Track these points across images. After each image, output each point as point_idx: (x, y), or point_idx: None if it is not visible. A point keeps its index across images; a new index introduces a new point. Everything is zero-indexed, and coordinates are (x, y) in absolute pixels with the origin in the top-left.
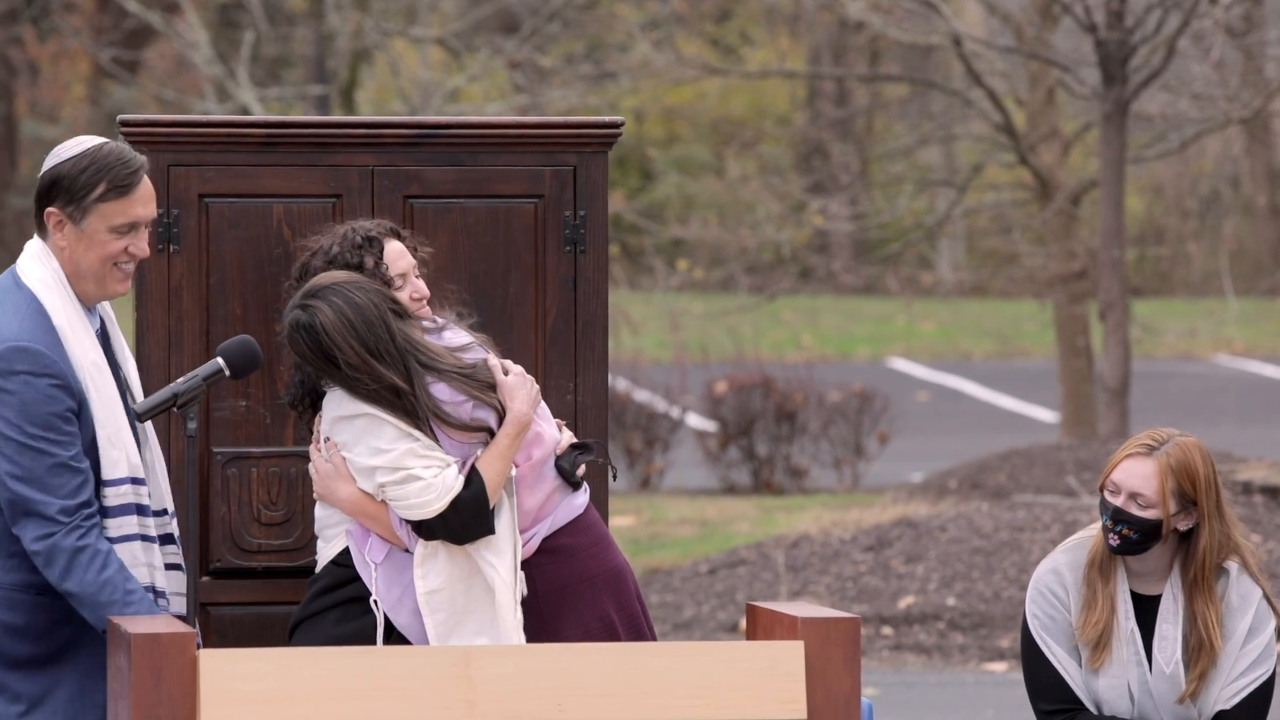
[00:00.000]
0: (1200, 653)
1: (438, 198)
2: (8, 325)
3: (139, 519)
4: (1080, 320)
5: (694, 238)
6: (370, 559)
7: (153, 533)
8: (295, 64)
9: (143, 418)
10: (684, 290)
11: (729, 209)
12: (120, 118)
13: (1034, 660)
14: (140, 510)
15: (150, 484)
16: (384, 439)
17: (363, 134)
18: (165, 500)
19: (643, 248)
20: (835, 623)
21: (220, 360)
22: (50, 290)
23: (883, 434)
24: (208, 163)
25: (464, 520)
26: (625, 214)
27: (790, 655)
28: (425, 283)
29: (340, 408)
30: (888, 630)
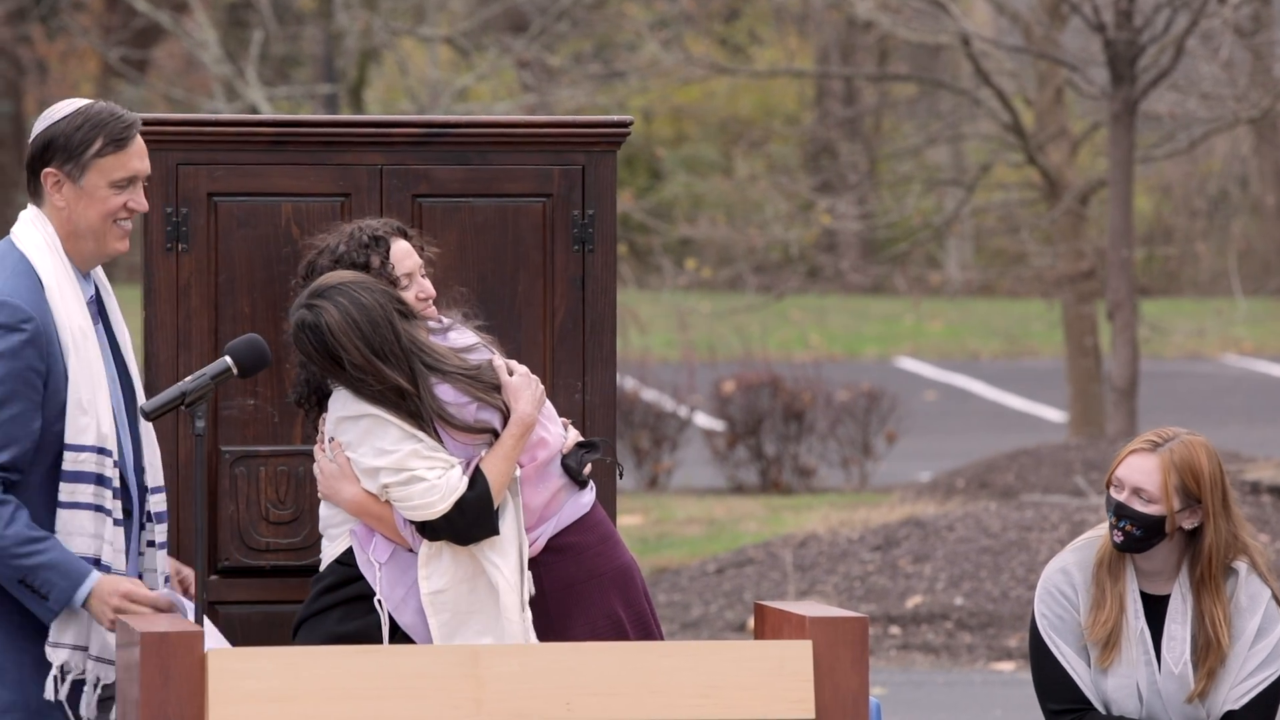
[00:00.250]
0: (1208, 652)
1: (446, 197)
2: None
3: (96, 489)
4: (1088, 320)
5: (702, 237)
6: (374, 558)
7: (109, 505)
8: (304, 63)
9: (150, 416)
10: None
11: (737, 208)
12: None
13: (1042, 660)
14: (100, 480)
15: (141, 456)
16: (388, 440)
17: (371, 133)
18: (157, 477)
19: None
20: (843, 622)
21: (228, 359)
22: (41, 252)
23: (890, 433)
24: (216, 161)
25: (468, 521)
26: (633, 213)
27: (798, 655)
28: (432, 282)
29: (345, 408)
30: (895, 630)
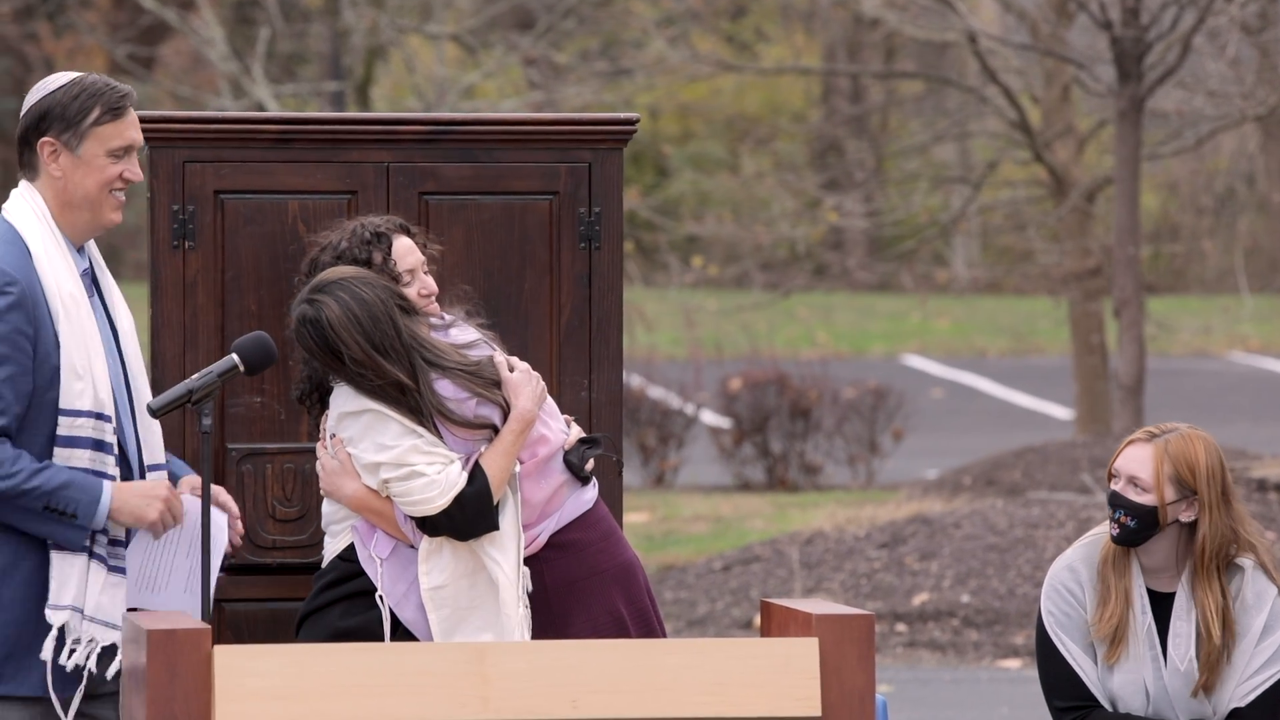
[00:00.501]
0: (1204, 645)
1: (453, 194)
2: None
3: (94, 454)
4: (1095, 317)
5: (709, 234)
6: (376, 554)
7: (111, 471)
8: (310, 60)
9: (157, 414)
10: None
11: (744, 205)
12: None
13: (1049, 657)
14: (98, 446)
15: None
16: (388, 435)
17: (378, 130)
18: (156, 455)
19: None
20: (849, 620)
21: (235, 356)
22: (29, 222)
23: (897, 431)
24: (223, 159)
25: (468, 516)
26: (640, 210)
27: (804, 652)
28: (437, 280)
29: (346, 403)
30: (902, 627)
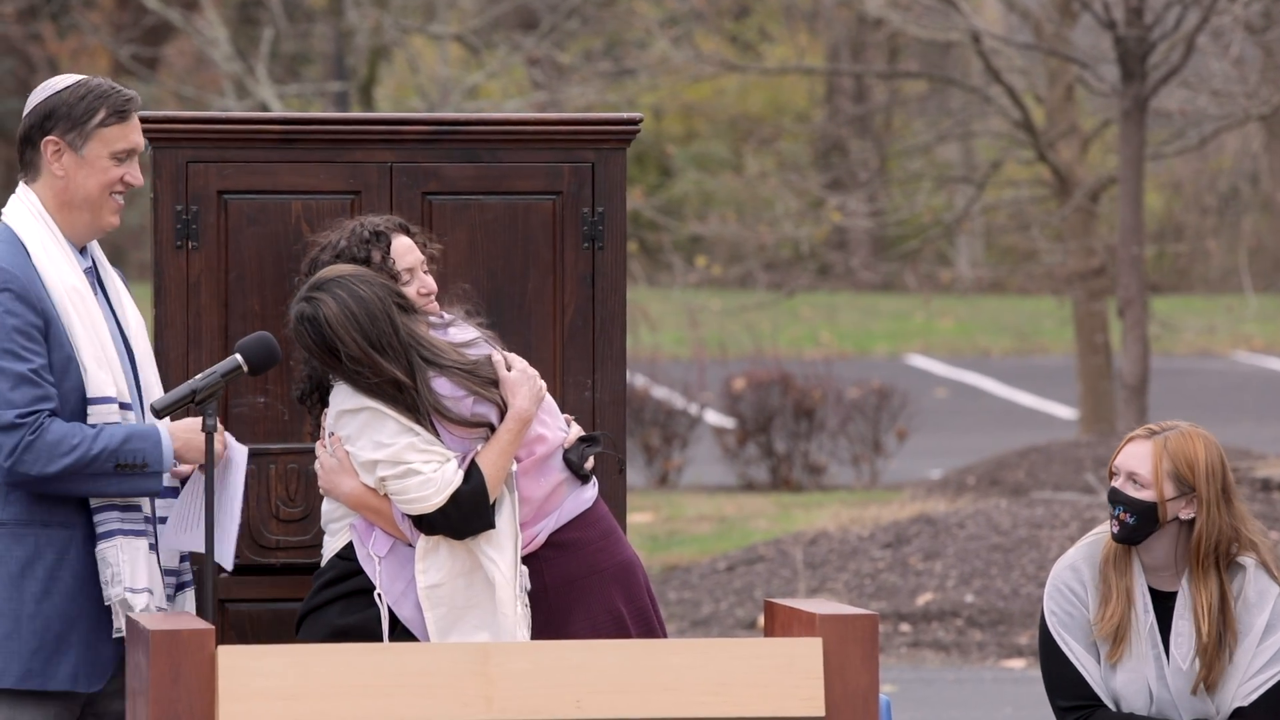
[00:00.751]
0: (1200, 640)
1: (456, 194)
2: None
3: None
4: (1099, 317)
5: (712, 234)
6: (374, 553)
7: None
8: (314, 61)
9: (160, 414)
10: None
11: (747, 205)
12: (139, 114)
13: (1052, 657)
14: None
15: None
16: (385, 433)
17: (381, 130)
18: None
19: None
20: (853, 620)
21: (239, 356)
22: (25, 221)
23: (901, 431)
24: (227, 159)
25: (464, 515)
26: (643, 210)
27: (808, 652)
28: (439, 279)
29: (344, 401)
30: (906, 627)
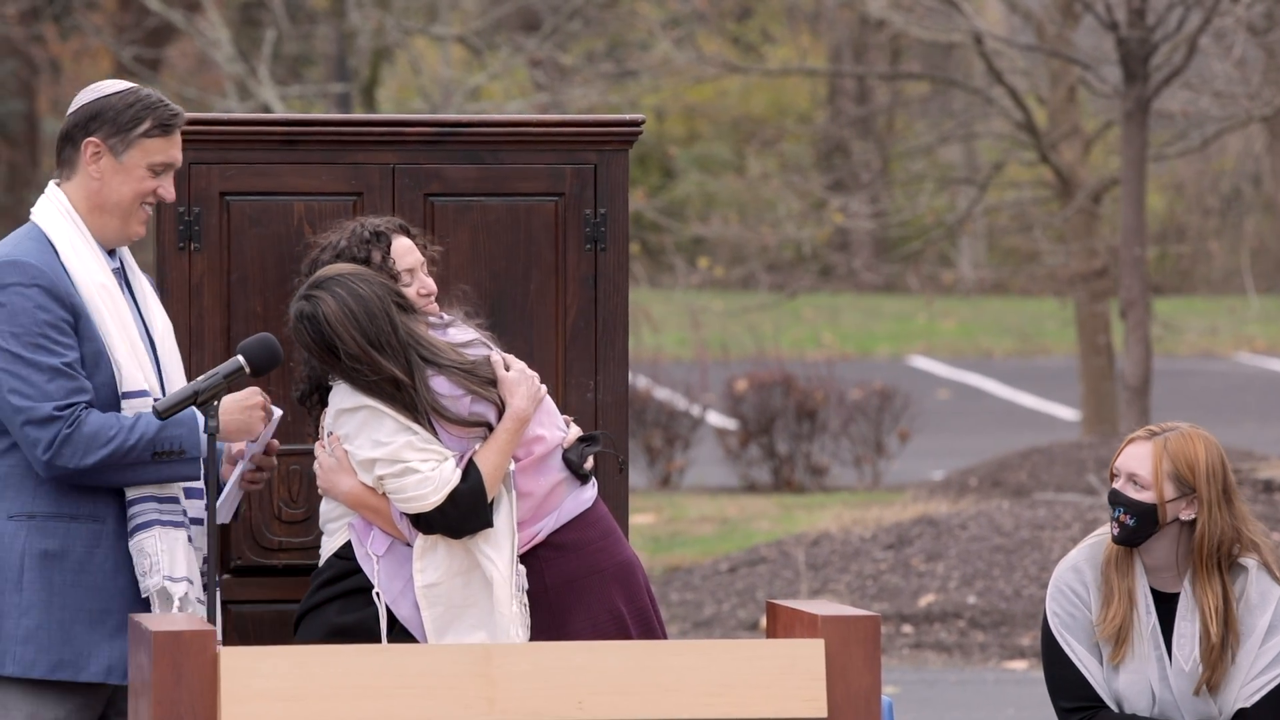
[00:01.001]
0: (1205, 643)
1: (458, 195)
2: (3, 248)
3: None
4: (1101, 318)
5: (714, 235)
6: (372, 551)
7: None
8: (316, 62)
9: (163, 415)
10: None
11: (750, 207)
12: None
13: (1054, 658)
14: None
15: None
16: (383, 431)
17: (384, 132)
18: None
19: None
20: (855, 621)
21: (241, 358)
22: (54, 220)
23: (903, 432)
24: (229, 160)
25: (461, 513)
26: (646, 212)
27: (810, 653)
28: (442, 281)
29: (342, 400)
30: (908, 628)
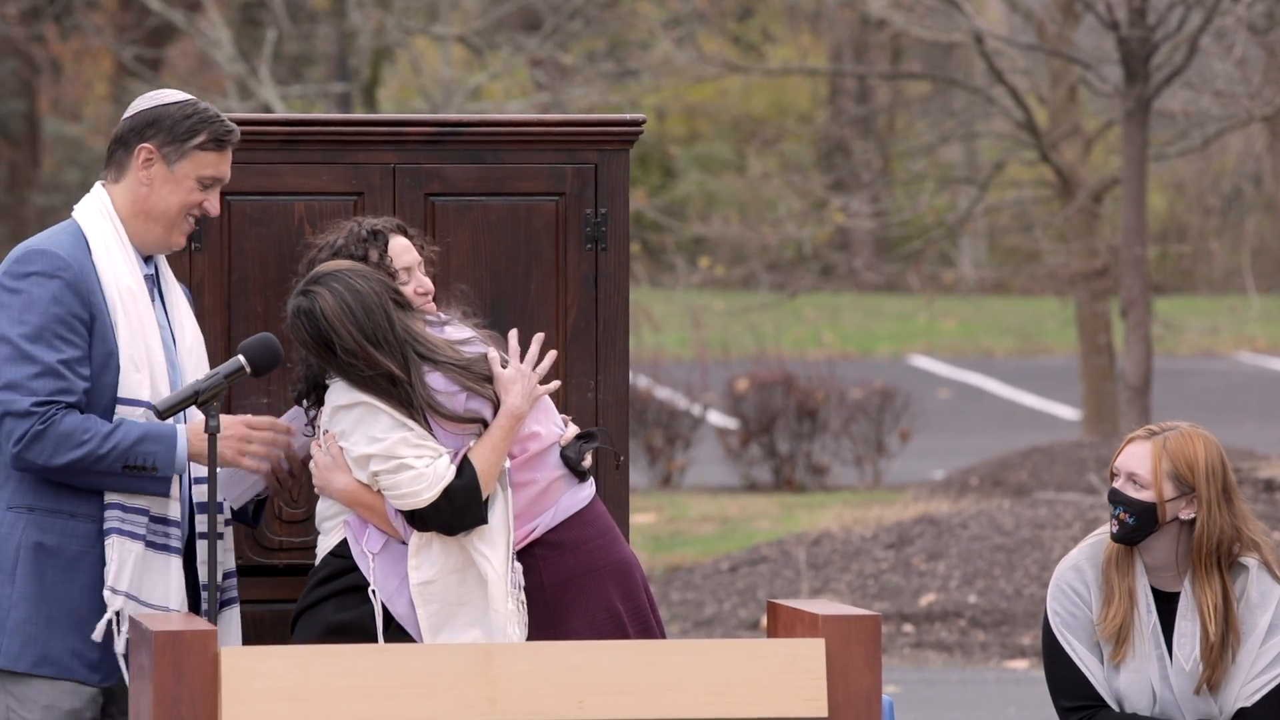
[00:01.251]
0: (1205, 642)
1: (459, 195)
2: (38, 238)
3: None
4: (1102, 317)
5: (715, 235)
6: (367, 549)
7: None
8: (317, 62)
9: (164, 415)
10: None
11: (750, 206)
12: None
13: (1055, 657)
14: None
15: None
16: (379, 428)
17: (384, 132)
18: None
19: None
20: (856, 620)
21: (242, 358)
22: (93, 218)
23: (904, 431)
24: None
25: (456, 510)
26: (646, 211)
27: (811, 653)
28: (441, 280)
29: (339, 397)
30: (909, 628)
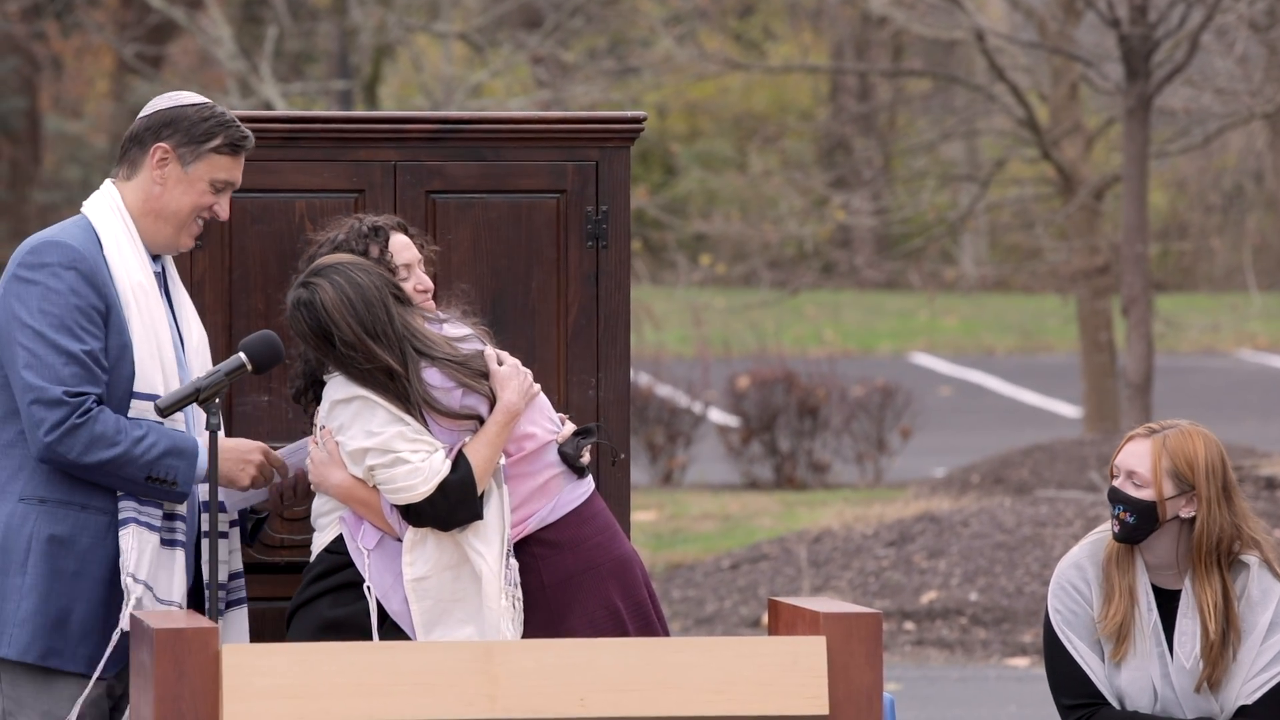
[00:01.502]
0: (1205, 640)
1: (460, 193)
2: (49, 231)
3: None
4: (1103, 315)
5: (716, 233)
6: (363, 545)
7: None
8: (318, 59)
9: (165, 412)
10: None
11: (751, 204)
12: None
13: (1056, 655)
14: None
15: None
16: (376, 422)
17: (385, 129)
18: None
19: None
20: (857, 618)
21: (242, 355)
22: (104, 215)
23: (905, 429)
24: None
25: (451, 505)
26: (647, 209)
27: (812, 651)
28: (441, 278)
29: (337, 392)
30: (910, 625)
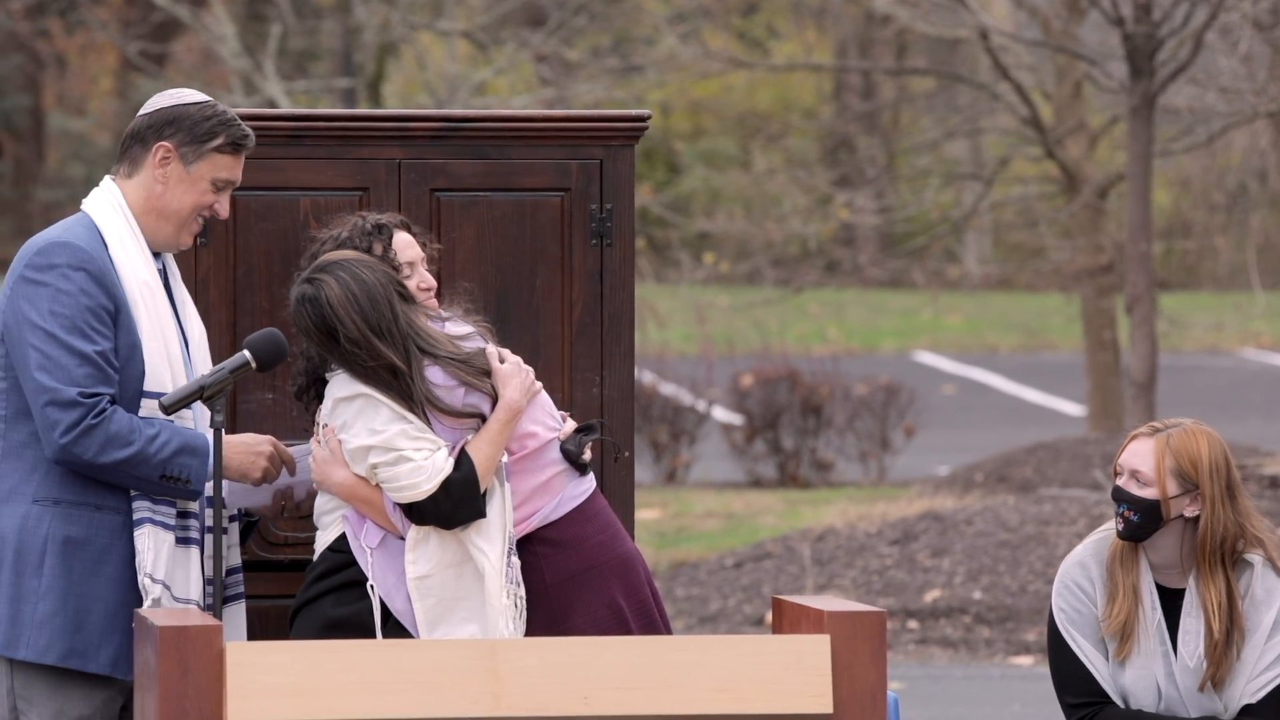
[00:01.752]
0: (1209, 639)
1: (464, 191)
2: (53, 231)
3: None
4: (1107, 314)
5: (720, 231)
6: (366, 544)
7: None
8: (322, 57)
9: (169, 410)
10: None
11: (755, 202)
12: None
13: (1060, 654)
14: None
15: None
16: (379, 420)
17: (389, 127)
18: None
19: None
20: (861, 616)
21: (247, 353)
22: (107, 213)
23: (909, 427)
24: None
25: (454, 503)
26: (651, 207)
27: (816, 649)
28: (446, 277)
29: (339, 390)
30: (914, 624)
